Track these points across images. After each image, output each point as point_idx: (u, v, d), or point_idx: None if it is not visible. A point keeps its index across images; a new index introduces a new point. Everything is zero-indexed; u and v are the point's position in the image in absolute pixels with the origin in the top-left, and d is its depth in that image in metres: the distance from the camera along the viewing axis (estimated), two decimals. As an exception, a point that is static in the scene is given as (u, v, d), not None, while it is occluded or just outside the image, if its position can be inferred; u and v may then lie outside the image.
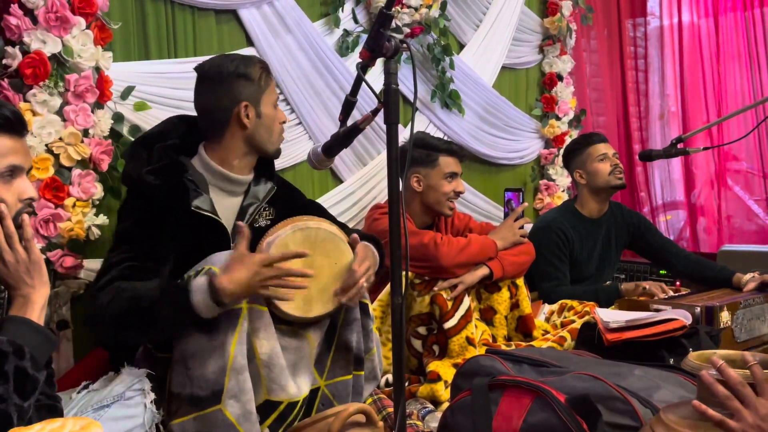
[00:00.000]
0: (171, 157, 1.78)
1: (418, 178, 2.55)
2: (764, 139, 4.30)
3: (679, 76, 4.65)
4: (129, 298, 1.57)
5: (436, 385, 2.16)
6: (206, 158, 1.85)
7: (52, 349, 1.26)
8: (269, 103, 1.86)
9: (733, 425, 1.11)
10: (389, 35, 1.47)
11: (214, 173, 1.84)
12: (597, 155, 3.00)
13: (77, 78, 1.98)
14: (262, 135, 1.86)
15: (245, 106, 1.82)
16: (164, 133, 1.85)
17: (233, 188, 1.87)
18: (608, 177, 2.98)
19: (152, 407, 1.52)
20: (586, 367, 1.68)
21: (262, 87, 1.84)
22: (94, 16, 2.02)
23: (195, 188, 1.77)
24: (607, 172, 2.98)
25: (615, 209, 3.12)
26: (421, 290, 2.32)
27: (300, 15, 2.63)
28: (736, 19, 4.42)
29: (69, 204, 1.98)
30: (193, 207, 1.74)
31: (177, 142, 1.83)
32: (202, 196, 1.78)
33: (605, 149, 3.01)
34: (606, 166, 2.99)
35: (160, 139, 1.82)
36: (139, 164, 1.75)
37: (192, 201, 1.75)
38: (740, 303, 2.44)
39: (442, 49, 3.10)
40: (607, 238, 3.08)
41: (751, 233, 4.40)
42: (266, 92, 1.86)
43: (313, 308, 1.72)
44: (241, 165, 1.87)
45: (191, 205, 1.74)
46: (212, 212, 1.78)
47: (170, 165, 1.77)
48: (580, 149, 3.07)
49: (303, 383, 1.72)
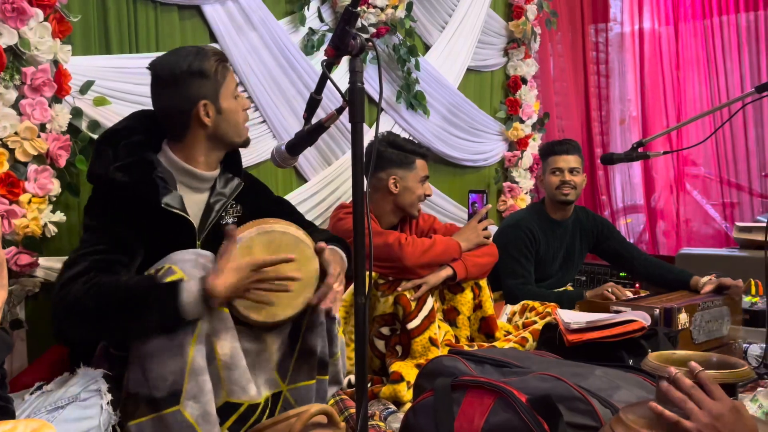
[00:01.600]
0: (137, 154, 1.75)
1: (396, 179, 2.54)
2: (721, 145, 4.41)
3: (639, 81, 4.74)
4: (110, 292, 1.53)
5: (399, 385, 2.16)
6: (171, 155, 1.81)
7: (7, 351, 1.23)
8: (228, 96, 1.81)
9: (688, 425, 1.15)
10: (355, 33, 1.46)
11: (180, 170, 1.81)
12: (551, 167, 3.06)
13: (34, 71, 1.93)
14: (225, 130, 1.82)
15: (204, 105, 1.77)
16: (128, 129, 1.81)
17: (199, 185, 1.84)
18: (554, 191, 3.04)
19: (109, 408, 1.49)
20: (547, 367, 1.69)
21: (219, 81, 1.79)
22: (52, 8, 1.97)
23: (165, 185, 1.75)
24: (554, 186, 3.04)
25: (580, 213, 3.17)
26: (385, 291, 2.31)
27: (265, 12, 2.61)
28: (696, 27, 4.52)
29: (24, 200, 1.93)
30: (164, 204, 1.72)
31: (142, 138, 1.80)
32: (172, 193, 1.75)
33: (562, 163, 3.04)
34: (555, 180, 3.03)
35: (124, 135, 1.78)
36: (106, 162, 1.72)
37: (162, 198, 1.72)
38: (698, 305, 2.49)
39: (407, 50, 3.10)
40: (572, 240, 3.13)
41: (708, 237, 4.51)
42: (224, 85, 1.80)
43: (274, 313, 1.70)
44: (208, 161, 1.84)
45: (161, 202, 1.71)
46: (182, 210, 1.76)
47: (138, 162, 1.73)
48: (543, 156, 3.15)
49: (262, 386, 1.70)
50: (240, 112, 1.85)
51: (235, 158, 1.94)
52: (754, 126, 4.31)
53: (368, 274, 1.43)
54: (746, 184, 4.35)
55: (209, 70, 1.77)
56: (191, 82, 1.76)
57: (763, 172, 4.28)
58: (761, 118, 4.28)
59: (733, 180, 4.39)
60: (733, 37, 4.37)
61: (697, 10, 4.50)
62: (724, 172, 4.42)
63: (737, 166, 4.37)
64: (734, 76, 4.37)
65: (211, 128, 1.80)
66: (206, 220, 1.82)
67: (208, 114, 1.78)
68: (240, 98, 1.87)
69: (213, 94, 1.79)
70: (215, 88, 1.79)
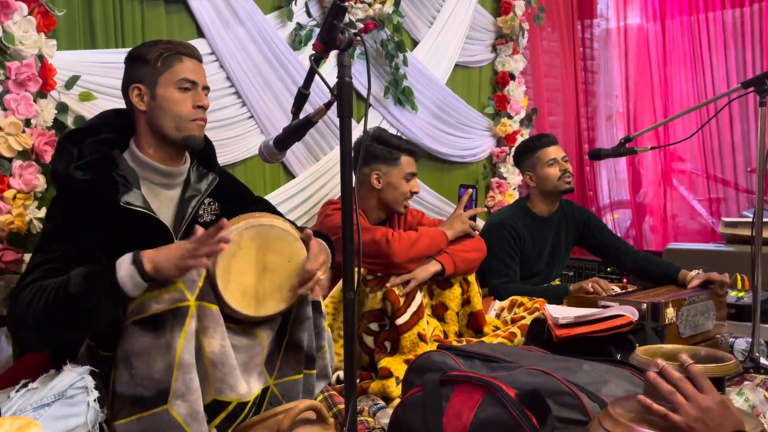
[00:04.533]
0: (101, 152, 1.72)
1: (379, 175, 2.53)
2: (708, 140, 4.43)
3: (626, 77, 4.75)
4: (53, 290, 1.52)
5: (388, 381, 2.16)
6: (134, 150, 1.80)
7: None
8: (168, 84, 1.78)
9: (676, 418, 1.16)
10: (342, 27, 1.45)
11: (143, 165, 1.79)
12: (547, 160, 3.02)
13: (19, 66, 1.91)
14: (159, 118, 1.78)
15: (137, 89, 1.78)
16: (95, 127, 1.79)
17: (167, 180, 1.82)
18: (557, 182, 3.01)
19: (95, 406, 1.48)
20: (536, 362, 1.70)
21: (158, 69, 1.77)
22: (36, 2, 1.95)
23: (125, 183, 1.71)
24: (556, 177, 3.01)
25: (566, 207, 3.17)
26: (374, 286, 2.31)
27: (252, 7, 2.60)
28: (682, 23, 4.54)
29: (9, 196, 1.91)
30: (122, 203, 1.68)
31: (110, 136, 1.78)
32: (133, 192, 1.71)
33: (555, 153, 3.03)
34: (555, 170, 3.01)
35: (91, 134, 1.76)
36: (67, 160, 1.69)
37: (121, 196, 1.68)
38: (685, 300, 2.50)
39: (395, 45, 3.10)
40: (558, 236, 3.13)
41: (695, 232, 4.54)
42: (165, 74, 1.78)
43: (265, 306, 1.70)
44: (159, 155, 1.81)
45: (120, 200, 1.68)
46: (145, 208, 1.72)
47: (100, 160, 1.70)
48: (529, 152, 3.08)
49: (254, 383, 1.69)
50: (182, 104, 1.79)
51: (207, 153, 1.92)
52: (740, 122, 4.34)
53: (357, 269, 1.43)
54: (732, 180, 4.38)
55: (149, 57, 1.78)
56: (133, 66, 1.81)
57: (748, 168, 4.31)
58: (747, 114, 4.30)
59: (719, 176, 4.42)
60: (720, 34, 4.39)
61: (683, 6, 4.52)
62: (711, 167, 4.44)
63: (723, 162, 4.40)
64: (720, 72, 4.39)
65: (147, 115, 1.79)
66: (181, 218, 1.80)
67: (142, 99, 1.78)
68: (197, 94, 1.81)
69: (150, 79, 1.78)
70: (153, 74, 1.78)
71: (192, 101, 1.80)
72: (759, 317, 2.38)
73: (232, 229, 1.66)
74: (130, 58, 1.82)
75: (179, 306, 1.53)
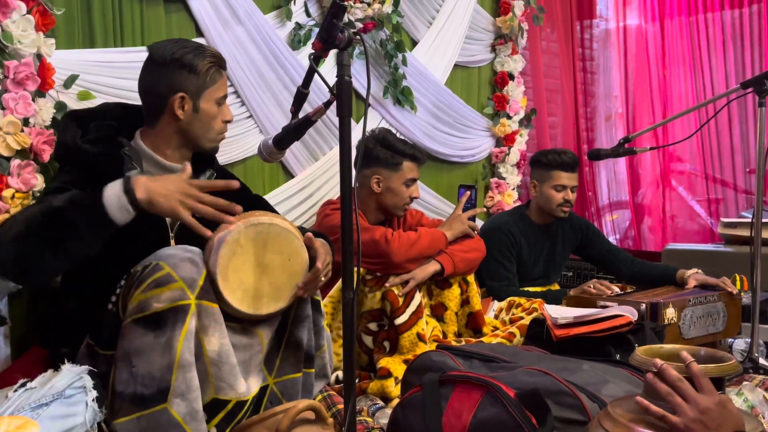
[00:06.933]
0: (107, 133, 1.74)
1: (379, 179, 2.53)
2: (707, 141, 4.43)
3: (625, 78, 4.75)
4: (38, 204, 1.53)
5: (387, 381, 2.16)
6: (140, 143, 1.80)
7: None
8: (211, 99, 1.80)
9: (674, 419, 1.15)
10: (342, 27, 1.45)
11: (147, 158, 1.79)
12: (557, 183, 2.99)
13: (17, 65, 1.90)
14: (196, 130, 1.81)
15: (181, 98, 1.76)
16: (100, 112, 1.81)
17: (167, 175, 1.82)
18: (554, 207, 3.02)
19: (94, 405, 1.47)
20: (535, 362, 1.70)
21: (206, 82, 1.78)
22: (35, 1, 1.95)
23: (131, 161, 1.74)
24: (556, 203, 3.00)
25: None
26: (373, 286, 2.31)
27: (251, 6, 2.59)
28: (681, 24, 4.54)
29: (8, 195, 1.90)
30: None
31: (114, 123, 1.79)
32: (137, 171, 1.74)
33: (567, 181, 3.00)
34: (558, 197, 3.00)
35: (96, 117, 1.77)
36: (73, 133, 1.71)
37: (126, 173, 1.69)
38: (689, 300, 2.49)
39: (394, 45, 3.09)
40: (554, 245, 3.14)
41: (694, 232, 4.54)
42: (211, 88, 1.79)
43: (264, 305, 1.69)
44: (174, 155, 1.82)
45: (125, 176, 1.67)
46: None
47: (107, 138, 1.72)
48: (546, 167, 3.04)
49: (253, 382, 1.68)
50: (218, 120, 1.83)
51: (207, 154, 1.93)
52: (738, 122, 4.33)
53: (356, 269, 1.43)
54: (731, 181, 4.38)
55: (200, 68, 1.77)
56: (178, 72, 1.76)
57: (747, 169, 4.31)
58: (746, 115, 4.30)
59: (718, 176, 4.42)
60: (719, 34, 4.39)
61: (682, 7, 4.52)
62: (710, 168, 4.44)
63: (722, 163, 4.40)
64: (719, 73, 4.39)
65: (184, 123, 1.79)
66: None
67: (183, 107, 1.77)
68: (225, 108, 1.85)
69: (195, 91, 1.78)
70: (199, 87, 1.78)
71: (221, 116, 1.84)
72: (758, 317, 2.38)
73: (232, 227, 1.66)
74: (174, 62, 1.75)
75: (180, 304, 1.52)
